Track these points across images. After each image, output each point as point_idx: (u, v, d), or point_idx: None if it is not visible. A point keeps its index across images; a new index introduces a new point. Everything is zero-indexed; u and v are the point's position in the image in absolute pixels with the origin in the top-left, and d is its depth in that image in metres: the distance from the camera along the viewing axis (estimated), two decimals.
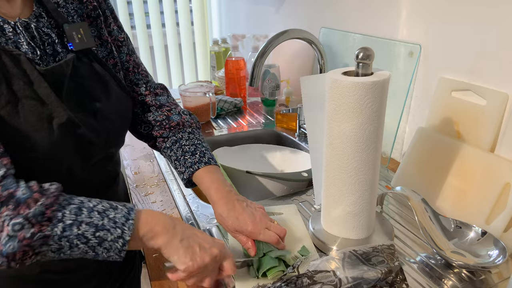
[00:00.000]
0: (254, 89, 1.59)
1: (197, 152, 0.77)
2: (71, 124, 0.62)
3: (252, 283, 0.62)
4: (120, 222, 0.55)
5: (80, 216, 0.54)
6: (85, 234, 0.54)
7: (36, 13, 0.64)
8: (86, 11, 0.71)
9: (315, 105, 0.74)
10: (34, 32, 0.63)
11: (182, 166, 0.77)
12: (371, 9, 1.10)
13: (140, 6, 2.30)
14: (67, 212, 0.54)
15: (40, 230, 0.51)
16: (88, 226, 0.54)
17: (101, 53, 0.73)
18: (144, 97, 0.81)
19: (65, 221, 0.53)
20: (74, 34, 0.66)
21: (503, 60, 0.77)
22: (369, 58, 0.62)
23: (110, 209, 0.56)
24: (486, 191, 0.73)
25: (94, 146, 0.67)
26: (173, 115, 0.82)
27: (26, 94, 0.58)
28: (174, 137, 0.81)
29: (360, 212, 0.68)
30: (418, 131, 0.88)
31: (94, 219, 0.54)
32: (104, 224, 0.55)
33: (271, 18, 1.74)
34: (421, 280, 0.64)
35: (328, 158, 0.68)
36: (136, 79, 0.81)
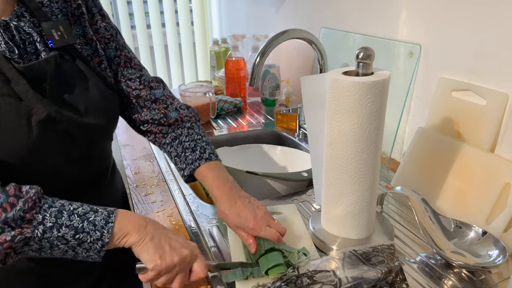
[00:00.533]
0: (254, 89, 1.59)
1: (197, 148, 0.77)
2: (51, 120, 0.62)
3: (252, 282, 0.62)
4: (100, 225, 0.57)
5: (61, 219, 0.55)
6: (65, 236, 0.55)
7: (17, 12, 0.64)
8: (70, 10, 0.71)
9: (315, 105, 0.74)
10: (14, 31, 0.63)
11: (182, 163, 0.77)
12: (371, 9, 1.10)
13: (140, 6, 2.30)
14: (47, 215, 0.55)
15: (21, 233, 0.53)
16: (68, 229, 0.55)
17: (85, 51, 0.73)
18: (139, 92, 0.81)
19: (46, 223, 0.54)
20: (53, 32, 0.66)
21: (503, 60, 0.77)
22: (370, 58, 0.62)
23: (90, 212, 0.58)
24: (486, 191, 0.73)
25: (76, 141, 0.67)
26: (171, 112, 0.82)
27: (3, 92, 0.59)
28: (173, 133, 0.81)
29: (360, 212, 0.68)
30: (418, 131, 0.88)
31: (74, 221, 0.56)
32: (84, 226, 0.56)
33: (271, 18, 1.74)
34: (421, 280, 0.64)
35: (328, 158, 0.68)
36: (129, 74, 0.80)
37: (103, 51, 0.76)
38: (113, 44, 0.79)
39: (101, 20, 0.77)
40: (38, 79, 0.63)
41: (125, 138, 1.27)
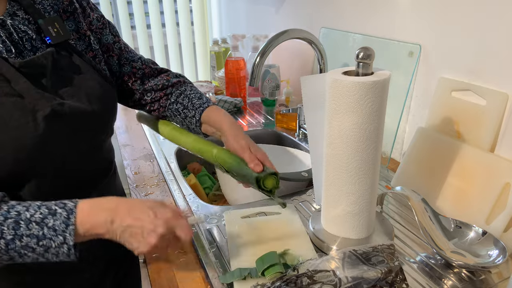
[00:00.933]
0: (254, 89, 1.59)
1: (202, 97, 0.86)
2: (56, 114, 0.63)
3: (250, 283, 0.62)
4: (60, 229, 0.55)
5: (19, 229, 0.54)
6: (29, 244, 0.54)
7: (10, 11, 0.65)
8: (62, 7, 0.73)
9: (315, 105, 0.74)
10: (11, 29, 0.64)
11: (191, 110, 0.84)
12: (371, 9, 1.10)
13: (140, 6, 2.30)
14: (5, 229, 0.54)
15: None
16: (30, 238, 0.54)
17: (79, 46, 0.75)
18: (143, 70, 0.88)
19: (6, 237, 0.54)
20: (50, 28, 0.68)
21: (503, 60, 0.77)
22: (370, 58, 0.62)
23: (48, 216, 0.56)
24: (486, 191, 0.73)
25: (82, 132, 0.69)
26: (172, 78, 0.90)
27: (6, 92, 0.60)
28: (177, 91, 0.89)
29: (360, 212, 0.68)
30: (418, 131, 0.88)
31: (33, 230, 0.55)
32: (45, 233, 0.55)
33: (271, 18, 1.74)
34: (421, 280, 0.64)
35: (328, 158, 0.68)
36: (130, 57, 0.87)
37: (97, 44, 0.79)
38: (107, 30, 0.83)
39: (93, 12, 0.80)
40: (37, 74, 0.64)
41: (125, 138, 1.27)
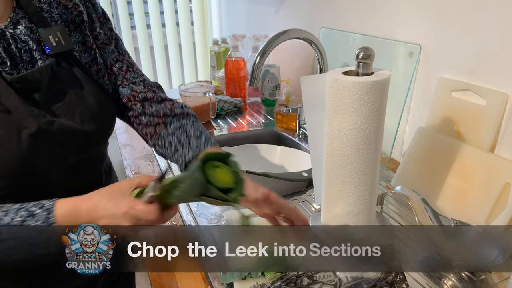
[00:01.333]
0: (254, 89, 1.59)
1: (202, 136, 0.77)
2: (42, 133, 0.62)
3: (250, 283, 0.62)
4: (41, 229, 0.56)
5: (0, 235, 0.54)
6: (14, 246, 0.55)
7: (13, 19, 0.64)
8: (71, 17, 0.71)
9: (315, 105, 0.74)
10: (9, 39, 0.62)
11: (185, 148, 0.76)
12: (371, 9, 1.10)
13: (140, 6, 2.30)
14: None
15: None
16: (13, 241, 0.55)
17: (84, 58, 0.73)
18: (145, 94, 0.81)
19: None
20: (50, 38, 0.65)
21: (503, 60, 0.77)
22: (370, 58, 0.62)
23: (27, 218, 0.56)
24: (486, 191, 0.73)
25: (70, 150, 0.67)
26: (176, 108, 0.82)
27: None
28: (178, 122, 0.80)
29: (360, 212, 0.68)
30: (418, 131, 0.88)
31: (15, 233, 0.55)
32: (29, 234, 0.55)
33: (271, 18, 1.74)
34: (421, 280, 0.64)
35: (328, 158, 0.68)
36: (132, 78, 0.81)
37: (101, 59, 0.76)
38: (111, 47, 0.78)
39: (100, 27, 0.76)
40: (30, 89, 0.63)
41: (125, 138, 1.27)
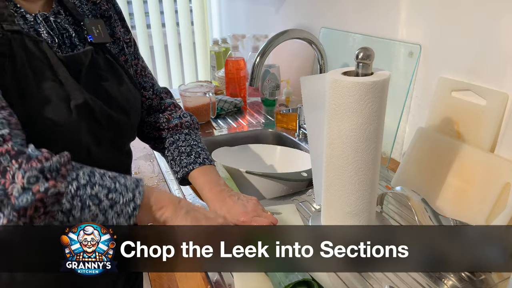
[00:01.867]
0: (254, 89, 1.59)
1: (192, 153, 0.81)
2: (87, 106, 0.66)
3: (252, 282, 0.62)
4: (131, 187, 0.58)
5: (94, 177, 0.56)
6: (98, 195, 0.55)
7: (55, 10, 0.70)
8: (100, 12, 0.77)
9: (315, 105, 0.74)
10: (52, 24, 0.68)
11: (177, 166, 0.81)
12: (371, 9, 1.10)
13: (140, 6, 2.30)
14: (81, 173, 0.55)
15: (54, 186, 0.52)
16: (101, 188, 0.56)
17: (113, 49, 0.78)
18: (151, 101, 0.86)
19: (80, 180, 0.55)
20: (93, 28, 0.72)
21: (503, 60, 0.77)
22: (369, 58, 0.62)
23: (119, 176, 0.59)
24: (486, 191, 0.73)
25: (105, 130, 0.70)
26: (174, 118, 0.85)
27: (48, 76, 0.63)
28: (171, 138, 0.84)
29: (360, 212, 0.68)
30: (418, 131, 0.88)
31: (106, 182, 0.57)
32: (116, 187, 0.57)
33: (271, 18, 1.74)
34: (421, 280, 0.64)
35: (328, 158, 0.68)
36: (144, 82, 0.86)
37: (128, 51, 0.82)
38: (131, 49, 0.84)
39: (121, 26, 0.82)
40: (76, 69, 0.67)
41: None
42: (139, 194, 0.58)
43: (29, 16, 0.66)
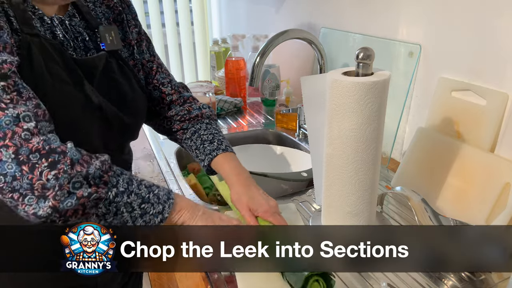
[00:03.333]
0: (254, 89, 1.59)
1: (215, 141, 0.83)
2: (100, 109, 0.67)
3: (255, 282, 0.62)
4: (163, 199, 0.61)
5: (131, 186, 0.59)
6: (133, 203, 0.58)
7: (70, 13, 0.71)
8: (113, 16, 0.78)
9: (316, 105, 0.74)
10: (68, 27, 0.70)
11: (202, 154, 0.82)
12: (371, 9, 1.10)
13: (140, 6, 2.30)
14: (120, 180, 0.58)
15: (96, 191, 0.55)
16: (136, 197, 0.59)
17: (123, 53, 0.79)
18: (171, 96, 0.87)
19: (119, 187, 0.58)
20: (107, 36, 0.73)
21: (503, 60, 0.77)
22: (370, 58, 0.62)
23: (154, 186, 0.62)
24: (486, 191, 0.73)
25: (113, 134, 0.72)
26: (194, 110, 0.87)
27: (62, 78, 0.64)
28: (193, 128, 0.86)
29: (360, 212, 0.68)
30: (418, 131, 0.88)
31: (142, 191, 0.60)
32: (150, 198, 0.60)
33: (271, 18, 1.74)
34: (421, 280, 0.64)
35: (329, 158, 0.68)
36: (161, 78, 0.87)
37: (138, 55, 0.83)
38: (146, 48, 0.85)
39: (134, 26, 0.83)
40: (90, 72, 0.69)
41: None
42: (168, 207, 0.61)
43: (47, 18, 0.67)
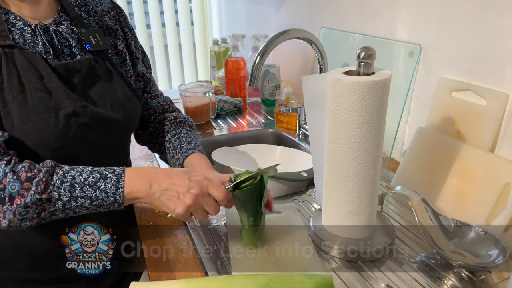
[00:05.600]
0: (254, 89, 1.59)
1: (192, 143, 0.87)
2: (76, 114, 0.69)
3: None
4: (111, 191, 0.63)
5: (74, 192, 0.62)
6: (83, 204, 0.63)
7: (57, 20, 0.73)
8: (106, 24, 0.81)
9: (317, 105, 0.74)
10: (52, 34, 0.71)
11: (178, 153, 0.85)
12: (371, 9, 1.10)
13: (140, 6, 2.30)
14: (62, 191, 0.61)
15: (44, 209, 0.61)
16: (84, 199, 0.62)
17: (115, 60, 0.82)
18: (163, 107, 0.94)
19: (63, 198, 0.61)
20: (91, 38, 0.76)
21: (503, 60, 0.77)
22: (371, 58, 0.62)
23: (100, 180, 0.64)
24: (486, 191, 0.73)
25: (99, 134, 0.74)
26: (180, 117, 0.94)
27: (36, 87, 0.66)
28: (174, 131, 0.90)
29: (361, 211, 0.68)
30: (418, 131, 0.88)
31: (87, 192, 0.63)
32: (97, 195, 0.63)
33: (271, 18, 1.74)
34: (421, 280, 0.64)
35: (329, 157, 0.68)
36: (155, 90, 0.93)
37: (131, 65, 0.86)
38: (141, 61, 0.89)
39: (131, 39, 0.87)
40: (70, 76, 0.71)
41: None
42: (119, 196, 0.64)
43: (27, 28, 0.69)
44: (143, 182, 0.65)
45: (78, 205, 0.62)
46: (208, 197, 0.66)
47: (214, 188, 0.66)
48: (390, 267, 0.67)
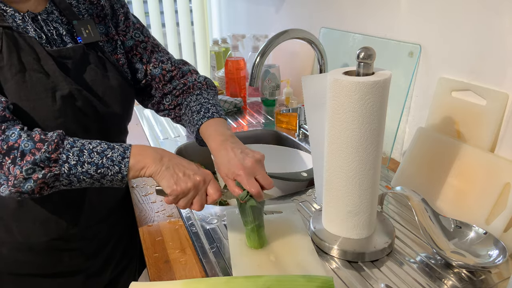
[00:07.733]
0: (254, 89, 1.59)
1: (201, 110, 0.82)
2: (72, 96, 0.70)
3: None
4: (117, 160, 0.64)
5: (82, 157, 0.63)
6: (89, 171, 0.63)
7: (48, 10, 0.73)
8: (96, 11, 0.80)
9: (317, 105, 0.74)
10: (41, 23, 0.71)
11: (192, 126, 0.83)
12: (371, 9, 1.10)
13: (140, 6, 2.30)
14: (70, 155, 0.62)
15: (50, 171, 0.61)
16: (90, 165, 0.63)
17: (107, 48, 0.81)
18: (172, 72, 0.89)
19: (70, 161, 0.62)
20: (82, 30, 0.75)
21: (503, 60, 0.77)
22: (371, 58, 0.62)
23: (107, 150, 0.65)
24: (486, 191, 0.73)
25: (91, 119, 0.75)
26: (188, 82, 0.88)
27: (34, 68, 0.68)
28: (185, 102, 0.88)
29: (361, 211, 0.68)
30: (418, 131, 0.88)
31: (94, 159, 0.63)
32: (104, 162, 0.64)
33: (271, 18, 1.74)
34: (421, 280, 0.64)
35: (329, 158, 0.68)
36: (159, 57, 0.88)
37: (122, 47, 0.84)
38: (135, 32, 0.86)
39: (122, 15, 0.84)
40: (63, 62, 0.71)
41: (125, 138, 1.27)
42: (124, 166, 0.64)
43: (18, 15, 0.69)
44: (153, 154, 0.66)
45: (83, 171, 0.62)
46: (203, 192, 0.67)
47: (213, 188, 0.67)
48: (390, 267, 0.67)
